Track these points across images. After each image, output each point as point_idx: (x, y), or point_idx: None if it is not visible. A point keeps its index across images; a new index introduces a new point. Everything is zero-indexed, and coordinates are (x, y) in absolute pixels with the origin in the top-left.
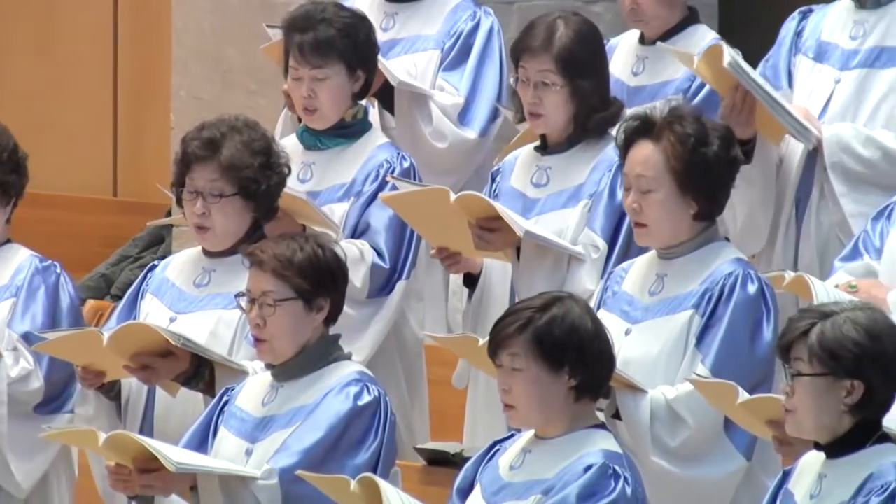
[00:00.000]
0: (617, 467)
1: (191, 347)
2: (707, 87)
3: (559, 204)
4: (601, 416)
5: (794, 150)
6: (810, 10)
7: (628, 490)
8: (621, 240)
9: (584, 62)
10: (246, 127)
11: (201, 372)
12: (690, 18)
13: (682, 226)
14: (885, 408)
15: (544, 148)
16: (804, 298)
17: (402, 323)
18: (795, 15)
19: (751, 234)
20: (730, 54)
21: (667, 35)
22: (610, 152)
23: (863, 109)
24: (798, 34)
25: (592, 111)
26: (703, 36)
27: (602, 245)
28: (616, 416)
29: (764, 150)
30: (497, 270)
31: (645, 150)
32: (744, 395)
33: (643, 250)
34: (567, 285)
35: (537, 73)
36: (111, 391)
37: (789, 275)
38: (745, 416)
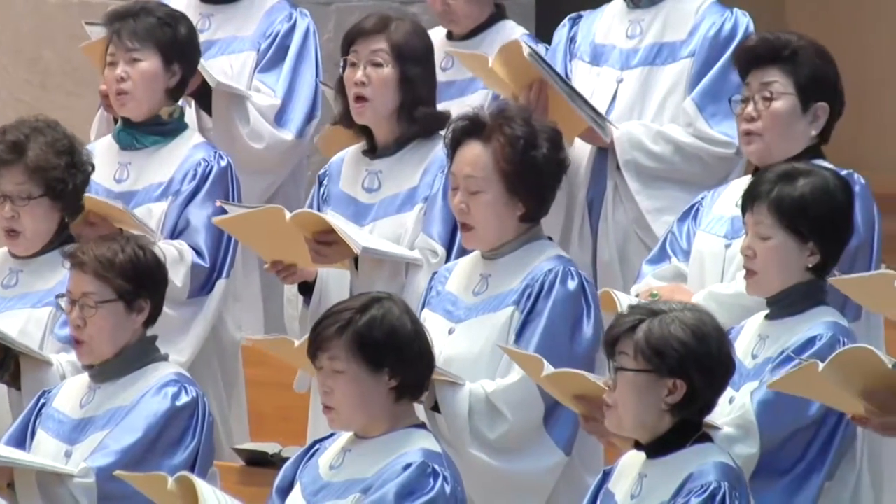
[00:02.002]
0: (436, 466)
1: None
2: None
3: (393, 209)
4: (420, 410)
5: (583, 151)
6: (580, 16)
7: (447, 489)
8: (458, 242)
9: (416, 50)
10: (48, 127)
11: (6, 363)
12: (498, 15)
13: (509, 227)
14: (706, 410)
15: (373, 151)
16: (611, 311)
17: (219, 324)
18: (566, 22)
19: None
20: (529, 46)
21: (475, 31)
22: (440, 153)
23: (648, 107)
24: (571, 40)
25: (419, 102)
26: (511, 32)
27: (440, 250)
28: (435, 408)
29: None
30: (334, 277)
31: (474, 151)
32: (549, 369)
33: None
34: (407, 291)
35: (370, 52)
36: None
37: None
38: (553, 389)
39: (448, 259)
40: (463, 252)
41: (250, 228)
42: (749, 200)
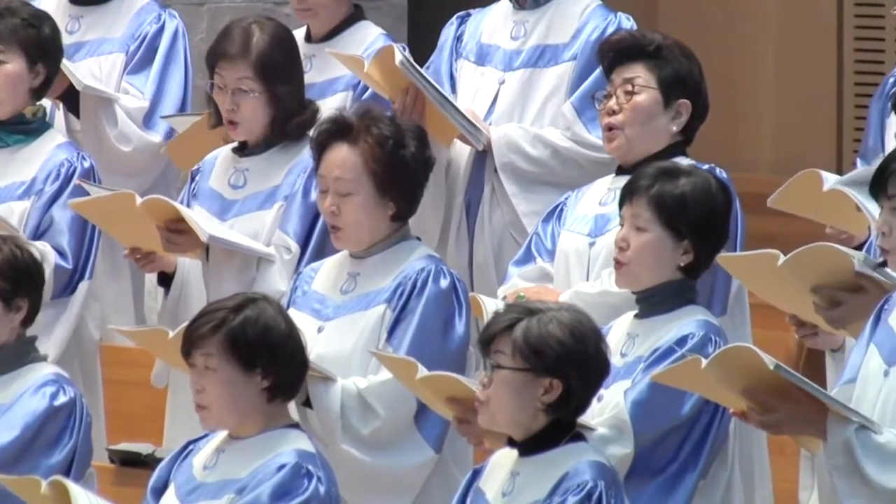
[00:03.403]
0: (310, 467)
1: None
2: None
3: (255, 206)
4: (293, 406)
5: (462, 152)
6: (468, 15)
7: (321, 489)
8: (314, 241)
9: (281, 67)
10: None
11: None
12: (357, 16)
13: (381, 227)
14: (581, 410)
15: (242, 150)
16: (477, 316)
17: (80, 324)
18: (454, 20)
19: (420, 235)
20: (401, 53)
21: (333, 32)
22: (306, 154)
23: (529, 109)
24: (458, 39)
25: (290, 116)
26: (370, 33)
27: (294, 247)
28: (307, 404)
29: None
30: (196, 269)
31: (342, 153)
32: (423, 372)
33: (337, 251)
34: (257, 285)
35: (235, 80)
36: None
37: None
38: (426, 392)
39: (302, 256)
40: (319, 250)
41: (106, 214)
42: (628, 194)
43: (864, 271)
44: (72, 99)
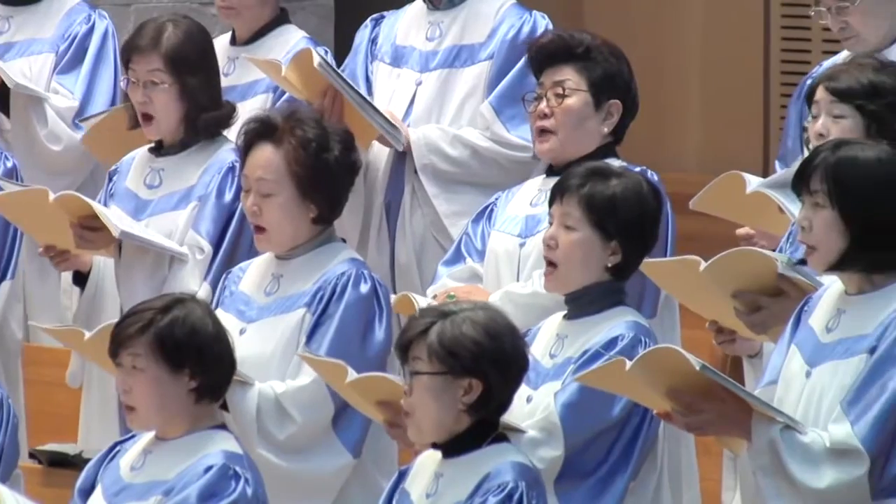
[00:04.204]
0: (237, 468)
1: None
2: None
3: (170, 206)
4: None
5: (380, 154)
6: (382, 17)
7: (249, 491)
8: (227, 241)
9: (192, 60)
10: None
11: None
12: (281, 19)
13: (302, 229)
14: (503, 408)
15: (159, 150)
16: (411, 315)
17: (3, 324)
18: (368, 22)
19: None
20: (319, 56)
21: (258, 34)
22: (222, 155)
23: (447, 110)
24: (372, 41)
25: (202, 110)
26: (293, 36)
27: (207, 247)
28: (224, 407)
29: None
30: (112, 268)
31: (266, 154)
32: (352, 375)
33: (251, 252)
34: (169, 285)
35: (146, 72)
36: None
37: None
38: (355, 396)
39: (215, 257)
40: (231, 251)
41: (21, 209)
42: (558, 193)
43: (787, 274)
44: (2, 99)
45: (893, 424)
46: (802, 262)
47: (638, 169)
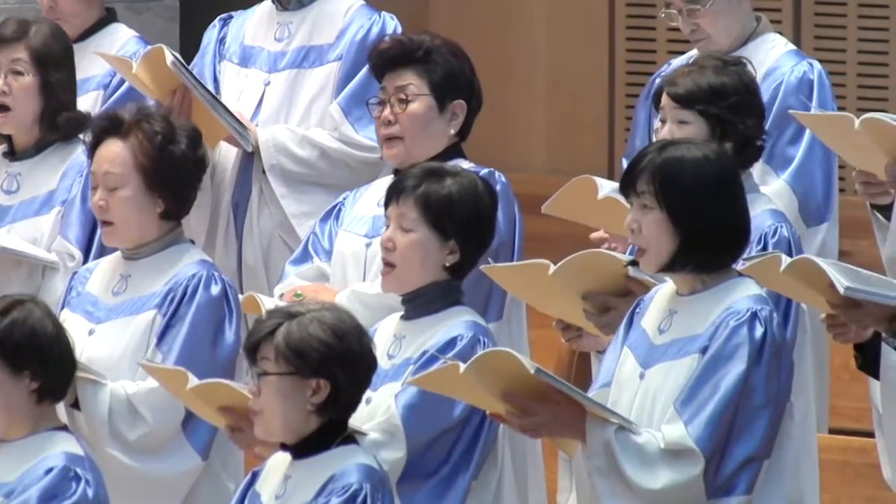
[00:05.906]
0: (78, 469)
1: None
2: (126, 83)
3: (32, 211)
4: (61, 408)
5: (228, 154)
6: (230, 17)
7: (90, 492)
8: (96, 245)
9: (57, 57)
10: None
11: None
12: (109, 18)
13: (149, 224)
14: (351, 408)
15: (13, 154)
16: (256, 314)
17: None
18: (216, 23)
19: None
20: (172, 54)
21: (86, 34)
22: (80, 157)
23: (295, 110)
24: (220, 41)
25: (61, 107)
26: (122, 36)
27: (77, 254)
28: (76, 405)
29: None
30: None
31: (113, 148)
32: (193, 381)
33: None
34: (43, 293)
35: (10, 61)
36: None
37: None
38: (197, 402)
39: (85, 262)
40: (100, 255)
41: None
42: (394, 194)
43: (636, 275)
44: None
45: (727, 423)
46: (634, 262)
47: (486, 170)
